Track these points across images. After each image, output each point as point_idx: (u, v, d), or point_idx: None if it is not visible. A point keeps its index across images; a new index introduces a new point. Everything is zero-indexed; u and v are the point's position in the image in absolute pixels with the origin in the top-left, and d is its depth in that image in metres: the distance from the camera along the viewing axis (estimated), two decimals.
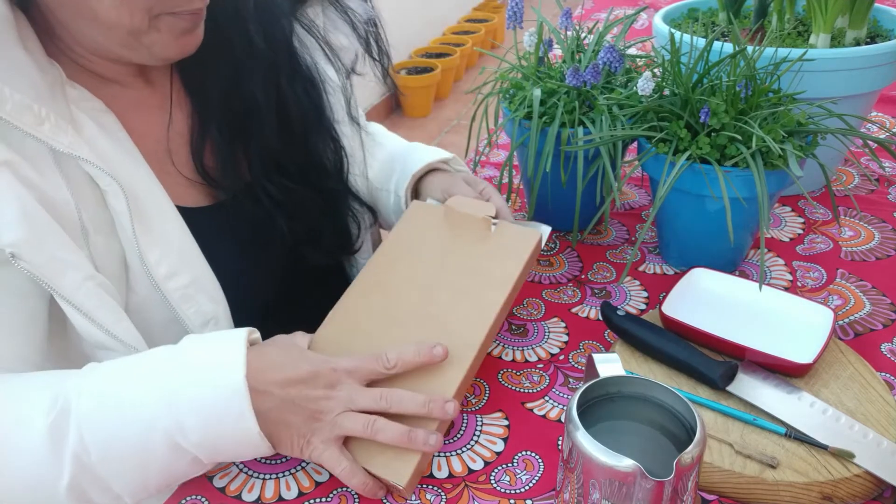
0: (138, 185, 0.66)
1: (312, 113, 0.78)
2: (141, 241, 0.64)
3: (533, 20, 0.88)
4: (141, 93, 0.71)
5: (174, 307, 0.66)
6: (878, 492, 0.57)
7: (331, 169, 0.80)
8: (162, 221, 0.67)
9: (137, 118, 0.70)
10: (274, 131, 0.74)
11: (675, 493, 0.47)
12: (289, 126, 0.75)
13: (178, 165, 0.72)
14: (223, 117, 0.73)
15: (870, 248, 0.87)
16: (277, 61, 0.74)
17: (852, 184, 1.01)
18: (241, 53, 0.72)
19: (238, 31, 0.72)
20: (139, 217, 0.64)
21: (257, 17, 0.73)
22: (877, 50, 0.85)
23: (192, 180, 0.72)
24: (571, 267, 0.87)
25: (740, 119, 0.74)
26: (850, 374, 0.65)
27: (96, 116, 0.65)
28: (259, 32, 0.73)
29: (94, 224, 0.63)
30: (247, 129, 0.74)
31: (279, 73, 0.75)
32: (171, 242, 0.66)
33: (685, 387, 0.66)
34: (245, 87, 0.73)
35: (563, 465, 0.52)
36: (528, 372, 0.71)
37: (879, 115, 1.18)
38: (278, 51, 0.75)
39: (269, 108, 0.74)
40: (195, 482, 0.61)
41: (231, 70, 0.72)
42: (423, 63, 3.70)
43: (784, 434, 0.59)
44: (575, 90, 0.83)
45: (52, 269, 0.58)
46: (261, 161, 0.74)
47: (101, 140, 0.64)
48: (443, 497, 0.58)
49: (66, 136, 0.60)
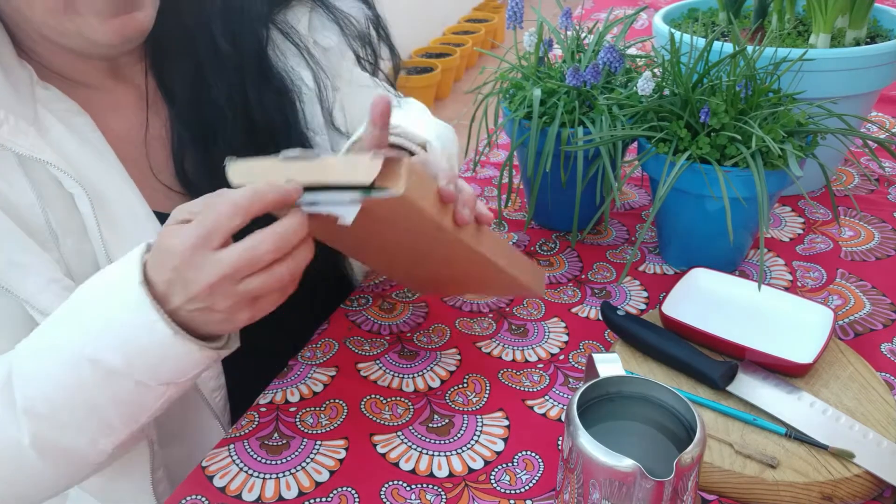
0: (108, 188, 0.65)
1: (281, 123, 0.76)
2: (109, 244, 0.64)
3: (533, 20, 0.88)
4: (115, 94, 0.70)
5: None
6: (878, 492, 0.57)
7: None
8: (132, 224, 0.66)
9: (115, 121, 0.69)
10: (240, 139, 0.72)
11: (675, 493, 0.47)
12: (254, 135, 0.74)
13: (156, 172, 0.71)
14: (195, 123, 0.71)
15: (870, 248, 0.87)
16: (244, 66, 0.72)
17: (852, 184, 1.01)
18: (205, 54, 0.71)
19: (201, 28, 0.71)
20: (108, 220, 0.64)
21: (224, 17, 0.71)
22: (877, 50, 0.85)
23: (171, 188, 0.71)
24: (571, 267, 0.87)
25: (740, 119, 0.74)
26: (850, 374, 0.65)
27: (67, 118, 0.64)
28: (226, 34, 0.71)
29: (64, 227, 0.63)
30: (213, 134, 0.72)
31: (245, 78, 0.73)
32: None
33: (685, 387, 0.66)
34: (211, 91, 0.71)
35: (563, 465, 0.52)
36: (528, 372, 0.71)
37: (879, 115, 1.18)
38: (246, 55, 0.73)
39: (233, 115, 0.72)
40: (195, 482, 0.61)
41: (196, 71, 0.71)
42: (423, 63, 3.70)
43: (784, 434, 0.59)
44: (575, 90, 0.83)
45: (11, 273, 0.58)
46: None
47: (69, 142, 0.63)
48: (443, 497, 0.58)
49: (27, 139, 0.59)
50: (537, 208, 0.90)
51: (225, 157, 0.65)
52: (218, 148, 0.72)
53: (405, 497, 0.59)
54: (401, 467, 0.61)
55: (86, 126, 0.66)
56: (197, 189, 0.72)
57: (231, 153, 0.70)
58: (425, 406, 0.68)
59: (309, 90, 0.78)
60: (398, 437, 0.64)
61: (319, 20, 0.80)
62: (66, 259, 0.63)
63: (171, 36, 0.69)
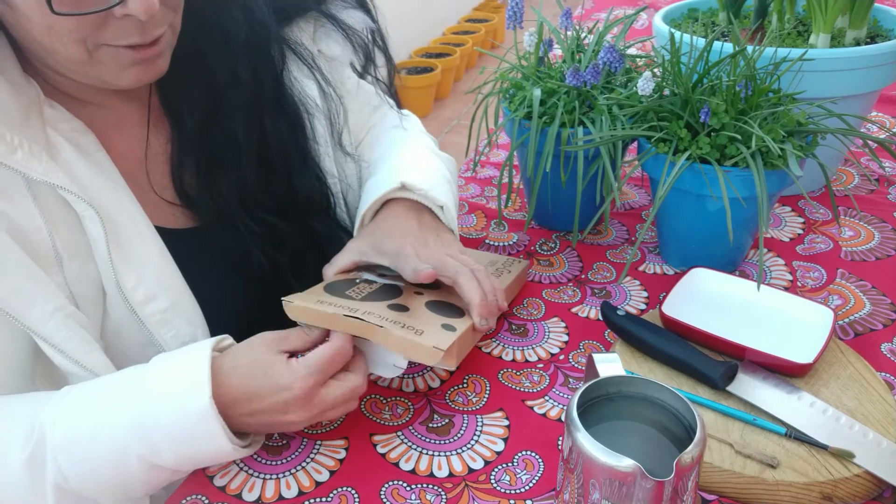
0: (116, 208, 0.65)
1: (295, 151, 0.75)
2: (117, 266, 0.63)
3: (533, 20, 0.88)
4: (119, 112, 0.69)
5: (151, 331, 0.66)
6: (878, 492, 0.57)
7: (316, 207, 0.77)
8: (140, 244, 0.66)
9: (117, 138, 0.69)
10: (252, 170, 0.72)
11: (675, 493, 0.47)
12: (269, 164, 0.73)
13: (156, 188, 0.70)
14: (201, 146, 0.71)
15: (870, 248, 0.87)
16: (262, 97, 0.72)
17: (852, 184, 1.01)
18: (224, 85, 0.70)
19: (223, 63, 0.70)
20: (116, 241, 0.64)
21: (247, 52, 0.71)
22: (877, 50, 0.85)
23: (171, 203, 0.71)
24: (571, 267, 0.87)
25: (740, 119, 0.74)
26: (850, 374, 0.65)
27: (74, 138, 0.64)
28: (247, 66, 0.71)
29: (69, 250, 0.62)
30: (224, 162, 0.72)
31: (263, 109, 0.72)
32: (148, 266, 0.65)
33: (685, 387, 0.66)
34: (226, 121, 0.71)
35: (563, 465, 0.52)
36: (528, 372, 0.71)
37: (879, 115, 1.18)
38: (266, 86, 0.73)
39: (249, 146, 0.72)
40: (195, 482, 0.61)
41: (211, 101, 0.70)
42: (423, 63, 3.70)
43: (784, 434, 0.59)
44: (575, 90, 0.83)
45: (17, 301, 0.58)
46: (238, 195, 0.72)
47: (78, 163, 0.63)
48: (443, 497, 0.58)
49: (40, 164, 0.59)
50: (537, 208, 0.90)
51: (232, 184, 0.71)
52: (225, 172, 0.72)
53: (405, 497, 0.59)
54: (401, 467, 0.61)
55: (92, 145, 0.65)
56: (197, 207, 0.72)
57: (239, 181, 0.72)
58: (425, 406, 0.67)
59: (316, 104, 0.78)
60: (398, 436, 0.64)
61: (324, 30, 0.80)
62: (69, 282, 0.63)
63: (185, 61, 0.68)
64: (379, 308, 0.62)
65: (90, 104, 0.67)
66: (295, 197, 0.75)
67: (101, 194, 0.64)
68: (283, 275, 0.74)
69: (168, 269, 0.67)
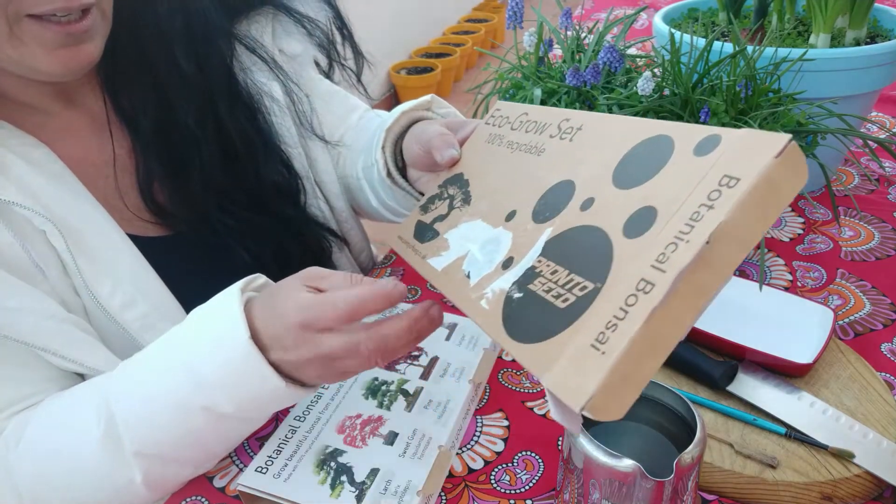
0: (78, 216, 0.64)
1: (257, 139, 0.74)
2: (86, 275, 0.63)
3: (533, 20, 0.88)
4: (64, 118, 0.68)
5: (134, 337, 0.65)
6: (878, 492, 0.57)
7: (286, 193, 0.76)
8: (109, 250, 0.65)
9: (70, 146, 0.68)
10: (217, 163, 0.71)
11: (675, 493, 0.47)
12: (233, 156, 0.72)
13: (129, 205, 0.70)
14: (161, 149, 0.70)
15: (870, 248, 0.87)
16: (213, 88, 0.71)
17: (852, 184, 1.01)
18: (169, 79, 0.69)
19: (163, 53, 0.68)
20: (82, 251, 0.63)
21: (187, 38, 0.69)
22: (877, 50, 0.85)
23: (145, 219, 0.70)
24: None
25: (740, 119, 0.74)
26: (850, 374, 0.65)
27: (26, 153, 0.63)
28: (190, 56, 0.69)
29: (44, 262, 0.62)
30: (188, 161, 0.70)
31: (216, 100, 0.71)
32: (122, 272, 0.65)
33: (685, 387, 0.66)
34: (179, 115, 0.69)
35: (563, 465, 0.52)
36: (528, 372, 0.71)
37: (879, 115, 1.18)
38: (214, 76, 0.71)
39: (206, 140, 0.70)
40: (195, 482, 0.61)
41: (160, 98, 0.69)
42: (423, 63, 3.70)
43: (784, 434, 0.59)
44: (575, 90, 0.83)
45: (6, 319, 0.57)
46: (207, 193, 0.71)
47: (32, 178, 0.62)
48: (443, 497, 0.58)
49: None
50: None
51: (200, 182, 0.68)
52: (191, 174, 0.70)
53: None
54: None
55: (46, 158, 0.64)
56: (171, 217, 0.71)
57: (206, 177, 0.69)
58: None
59: (280, 104, 0.77)
60: None
61: (283, 27, 0.78)
62: (56, 290, 0.62)
63: (126, 59, 0.66)
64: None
65: (38, 111, 0.66)
66: (263, 187, 0.74)
67: (59, 207, 0.63)
68: (267, 269, 0.74)
69: (145, 273, 0.66)
